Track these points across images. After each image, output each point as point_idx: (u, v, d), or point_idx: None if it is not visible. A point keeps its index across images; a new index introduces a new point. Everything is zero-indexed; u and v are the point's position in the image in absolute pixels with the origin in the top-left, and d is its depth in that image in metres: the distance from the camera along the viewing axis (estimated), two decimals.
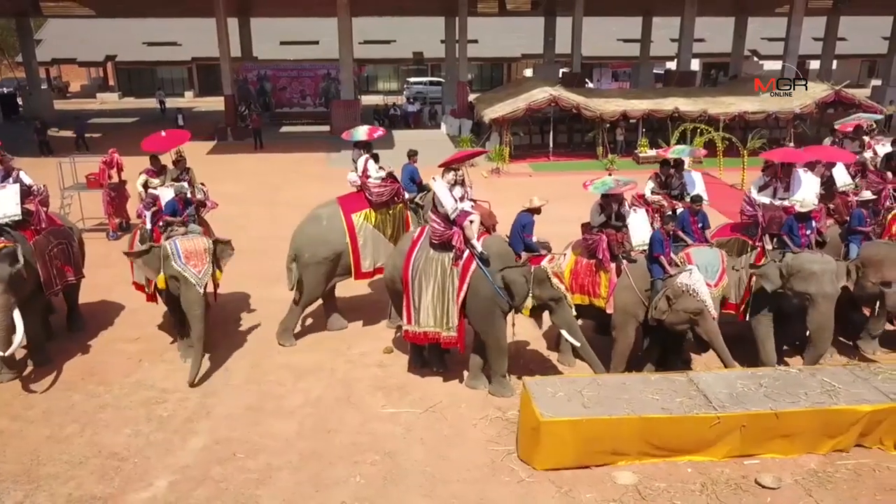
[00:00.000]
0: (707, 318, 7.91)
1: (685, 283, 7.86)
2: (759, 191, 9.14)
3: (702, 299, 7.82)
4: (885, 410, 7.17)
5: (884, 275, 8.59)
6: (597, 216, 8.52)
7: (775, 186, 9.06)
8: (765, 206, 8.90)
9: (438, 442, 7.58)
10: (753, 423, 7.04)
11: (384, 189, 10.26)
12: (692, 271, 7.95)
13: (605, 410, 7.05)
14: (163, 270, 8.88)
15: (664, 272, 8.03)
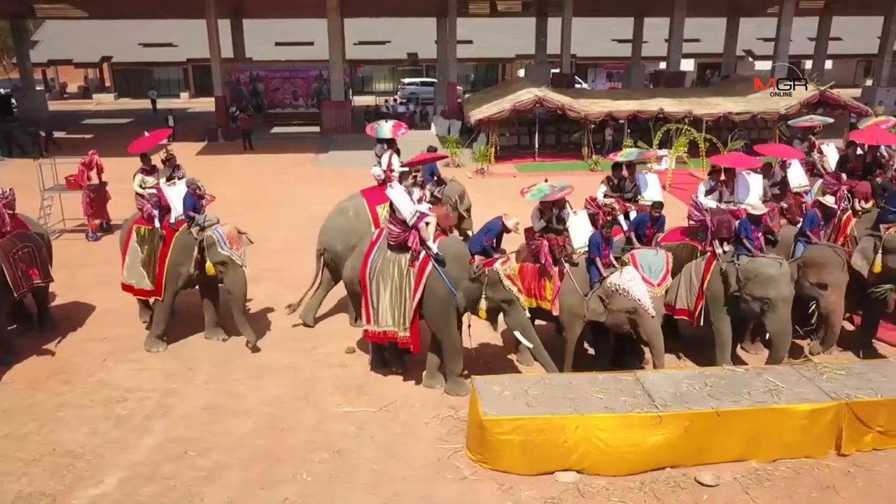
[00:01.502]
0: (644, 316, 7.99)
1: (615, 283, 7.98)
2: (706, 195, 9.20)
3: (633, 297, 7.91)
4: (826, 410, 7.26)
5: (821, 277, 8.65)
6: (537, 221, 8.66)
7: (721, 190, 9.13)
8: (712, 210, 8.95)
9: (389, 440, 7.71)
10: (696, 422, 7.15)
11: None
12: (623, 271, 8.05)
13: (548, 409, 7.16)
14: (209, 259, 9.58)
15: (599, 274, 8.13)
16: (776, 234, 9.05)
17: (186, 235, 9.71)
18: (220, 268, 9.67)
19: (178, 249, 9.70)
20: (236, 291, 9.78)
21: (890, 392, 7.45)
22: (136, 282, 10.10)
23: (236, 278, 9.72)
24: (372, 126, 11.60)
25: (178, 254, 9.70)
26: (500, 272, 8.00)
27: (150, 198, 10.20)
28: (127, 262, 10.15)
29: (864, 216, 9.50)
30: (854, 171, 9.82)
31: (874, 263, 8.84)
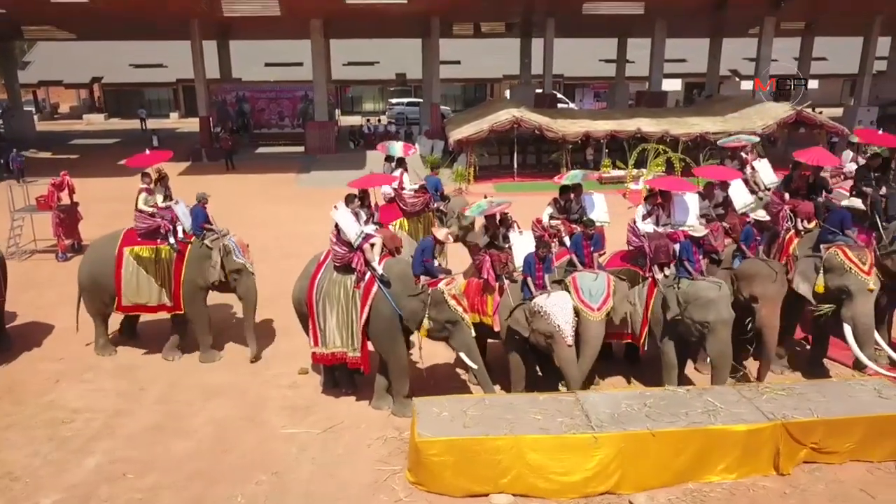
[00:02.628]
0: (559, 343, 7.96)
1: (540, 304, 8.03)
2: (643, 219, 9.23)
3: (553, 322, 7.91)
4: (762, 430, 7.28)
5: (752, 290, 8.66)
6: (481, 237, 8.77)
7: (657, 214, 9.18)
8: (649, 235, 8.97)
9: (329, 461, 7.70)
10: (630, 443, 7.16)
11: (418, 199, 11.56)
12: (552, 294, 8.08)
13: (484, 430, 7.17)
14: (226, 266, 10.02)
15: (530, 293, 8.20)
16: (720, 253, 9.10)
17: (200, 247, 10.12)
18: (235, 275, 10.13)
19: (193, 262, 10.11)
20: (250, 298, 10.23)
21: (827, 412, 7.48)
22: (149, 300, 10.19)
23: (249, 285, 10.20)
24: (383, 145, 12.58)
25: (194, 266, 10.09)
26: (445, 292, 8.04)
27: (162, 215, 10.23)
28: (127, 283, 10.09)
29: (806, 236, 9.53)
30: (798, 191, 9.86)
31: (816, 284, 8.89)
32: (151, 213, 10.25)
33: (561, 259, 9.03)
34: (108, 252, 10.25)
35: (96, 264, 10.31)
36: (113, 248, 10.22)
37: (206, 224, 10.32)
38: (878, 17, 30.91)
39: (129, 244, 10.19)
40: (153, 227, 10.14)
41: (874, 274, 8.70)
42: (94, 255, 10.47)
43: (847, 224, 9.10)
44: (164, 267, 10.12)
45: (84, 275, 10.40)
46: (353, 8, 26.33)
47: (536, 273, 8.19)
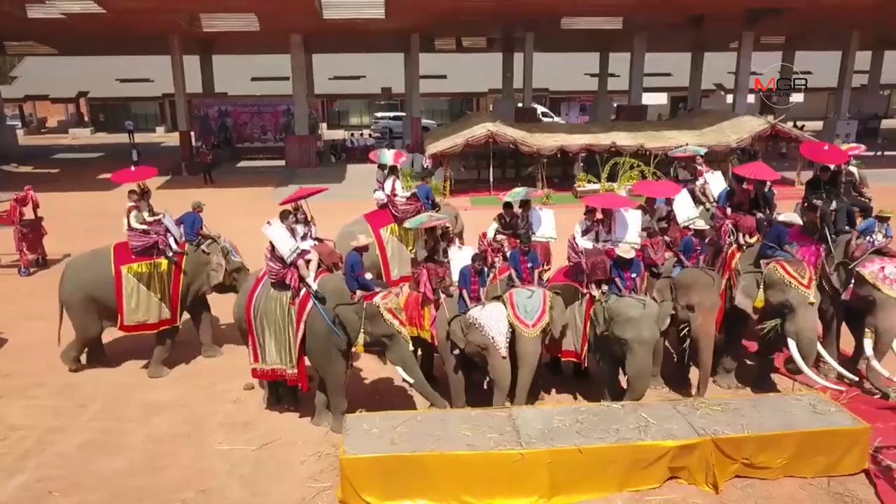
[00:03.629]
0: (493, 355, 7.98)
1: (474, 316, 8.04)
2: (582, 235, 9.23)
3: (487, 335, 7.93)
4: (691, 446, 7.24)
5: (689, 299, 8.65)
6: (421, 251, 8.78)
7: (597, 230, 9.17)
8: (587, 251, 8.96)
9: (259, 479, 7.64)
10: (558, 460, 7.11)
11: (409, 206, 11.90)
12: (487, 307, 8.09)
13: (411, 447, 7.13)
14: (227, 267, 10.47)
15: (465, 306, 8.20)
16: (660, 267, 9.09)
17: (196, 253, 10.44)
18: (235, 274, 10.50)
19: (192, 267, 10.37)
20: None
21: (759, 428, 7.43)
22: (148, 318, 10.15)
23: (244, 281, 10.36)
24: (375, 153, 13.13)
25: (192, 272, 10.38)
26: (381, 306, 8.01)
27: (154, 230, 10.25)
28: (128, 302, 10.03)
29: (747, 251, 9.51)
30: (740, 206, 9.86)
31: (756, 299, 8.86)
32: (144, 229, 10.23)
33: (503, 274, 9.01)
34: (102, 271, 10.09)
35: (90, 284, 10.09)
36: (107, 266, 10.07)
37: (201, 230, 10.61)
38: (855, 32, 31.09)
39: (126, 262, 10.08)
40: (149, 244, 10.13)
41: (814, 287, 8.69)
42: (85, 274, 10.20)
43: (784, 238, 9.07)
44: (163, 281, 10.15)
45: (74, 295, 10.15)
46: (332, 23, 26.51)
47: (472, 286, 8.19)
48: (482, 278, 8.28)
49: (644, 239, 9.29)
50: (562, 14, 26.87)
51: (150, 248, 10.12)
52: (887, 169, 27.36)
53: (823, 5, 26.08)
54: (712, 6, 26.72)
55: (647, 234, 9.37)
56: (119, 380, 10.15)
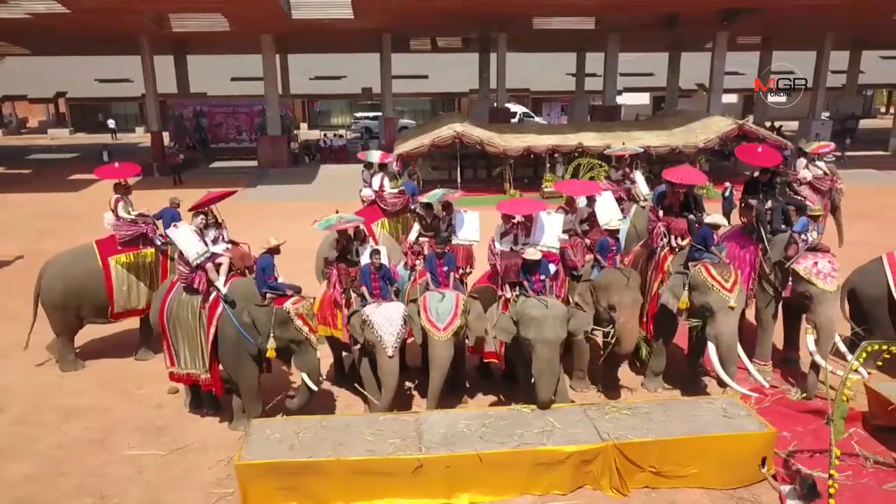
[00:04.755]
0: (380, 353, 8.03)
1: (367, 313, 8.12)
2: (501, 238, 9.18)
3: (376, 332, 7.99)
4: (592, 451, 7.18)
5: (609, 299, 8.64)
6: (332, 251, 8.75)
7: (515, 233, 9.12)
8: (503, 253, 8.93)
9: (163, 485, 7.56)
10: (457, 465, 7.05)
11: (398, 200, 12.33)
12: (381, 304, 8.15)
13: (308, 453, 7.06)
14: None
15: (365, 302, 8.25)
16: (579, 269, 9.04)
17: None
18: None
19: None
20: None
21: (665, 432, 7.40)
22: (138, 304, 10.46)
23: None
24: (363, 153, 13.92)
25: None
26: (291, 311, 7.93)
27: (144, 221, 10.58)
28: (118, 292, 10.31)
29: (679, 253, 9.48)
30: (671, 208, 9.82)
31: (681, 300, 8.84)
32: (132, 220, 10.50)
33: (423, 277, 8.95)
34: (87, 266, 10.28)
35: (75, 281, 10.22)
36: (93, 261, 10.29)
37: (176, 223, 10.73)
38: (830, 32, 31.07)
39: (112, 254, 10.32)
40: (137, 234, 10.43)
41: (737, 291, 8.63)
42: (69, 271, 10.31)
43: (711, 240, 9.07)
44: (150, 269, 10.48)
45: (55, 293, 10.24)
46: (303, 24, 26.39)
47: (372, 283, 8.16)
48: (382, 274, 8.34)
49: (564, 242, 9.24)
50: (532, 14, 26.74)
51: (137, 239, 10.41)
52: (863, 169, 27.51)
53: (794, 5, 26.01)
54: (683, 6, 26.62)
55: (568, 236, 9.31)
56: (41, 384, 10.04)
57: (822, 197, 14.85)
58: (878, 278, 9.94)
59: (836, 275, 8.92)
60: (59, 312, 10.32)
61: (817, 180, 14.56)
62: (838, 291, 9.03)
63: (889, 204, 22.32)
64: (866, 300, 10.02)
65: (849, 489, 7.25)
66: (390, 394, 8.17)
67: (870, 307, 9.99)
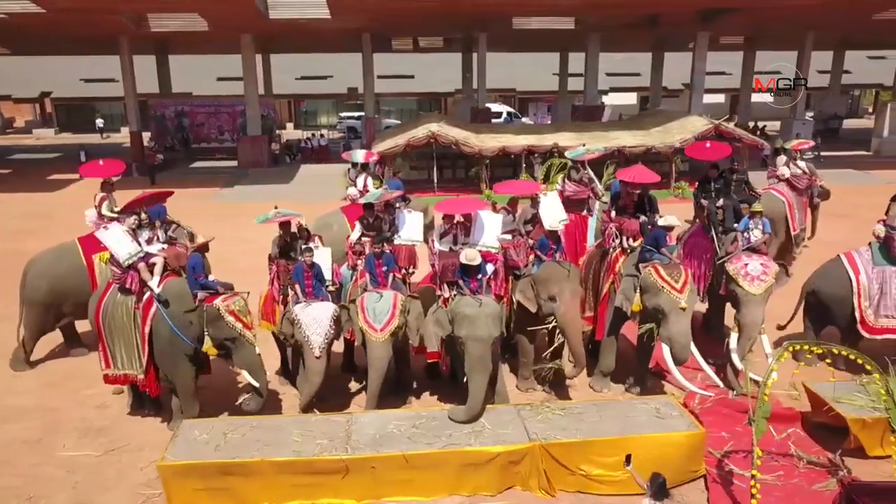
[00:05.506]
0: (307, 353, 8.07)
1: (295, 312, 8.16)
2: (441, 238, 9.16)
3: (303, 332, 8.04)
4: (519, 451, 7.17)
5: (550, 290, 8.62)
6: (274, 248, 8.81)
7: (455, 233, 9.11)
8: (441, 253, 8.92)
9: (92, 486, 7.53)
10: (383, 466, 7.04)
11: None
12: (310, 304, 8.18)
13: (233, 453, 7.04)
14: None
15: (297, 300, 8.30)
16: (521, 269, 9.04)
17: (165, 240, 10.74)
18: None
19: None
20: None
21: (594, 433, 7.38)
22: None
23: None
24: (347, 153, 14.04)
25: None
26: (221, 309, 7.92)
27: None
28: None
29: (631, 254, 9.48)
30: (625, 209, 9.81)
31: (633, 302, 8.84)
32: (115, 217, 10.43)
33: (363, 278, 8.93)
34: (72, 263, 10.32)
35: (60, 278, 10.27)
36: (76, 259, 10.33)
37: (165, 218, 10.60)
38: (811, 32, 31.11)
39: (96, 251, 10.30)
40: None
41: (688, 291, 8.64)
42: (52, 270, 10.38)
43: (662, 241, 9.08)
44: None
45: (41, 291, 10.30)
46: (282, 24, 26.38)
47: (305, 281, 8.18)
48: (315, 273, 8.36)
49: (507, 242, 9.23)
50: (511, 14, 26.75)
51: None
52: (843, 169, 27.52)
53: (772, 5, 26.05)
54: (663, 6, 26.64)
55: (512, 236, 9.30)
56: None
57: (799, 194, 15.09)
58: (841, 279, 9.90)
59: (765, 278, 8.92)
60: (40, 310, 10.37)
61: (795, 178, 14.90)
62: (765, 295, 9.00)
63: (866, 204, 22.33)
64: (832, 301, 9.96)
65: (778, 489, 7.26)
66: (312, 392, 8.18)
67: (835, 307, 9.96)
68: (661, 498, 5.83)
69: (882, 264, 9.70)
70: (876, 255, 9.79)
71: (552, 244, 8.94)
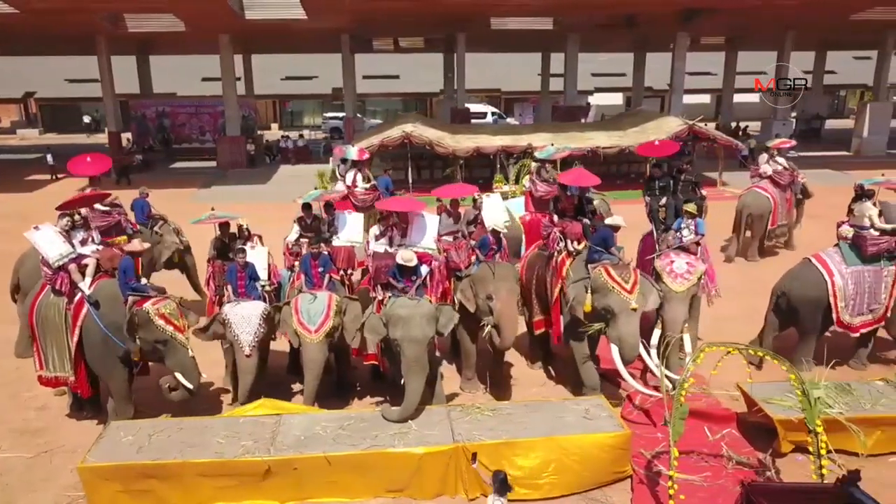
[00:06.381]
0: (237, 351, 8.20)
1: (224, 312, 8.27)
2: (377, 239, 9.17)
3: (232, 332, 8.12)
4: (442, 453, 7.16)
5: (487, 289, 8.64)
6: (211, 249, 8.92)
7: (391, 235, 9.12)
8: (376, 254, 8.94)
9: (19, 487, 7.54)
10: (305, 467, 7.05)
11: (368, 196, 12.93)
12: (240, 304, 8.26)
13: (155, 455, 7.04)
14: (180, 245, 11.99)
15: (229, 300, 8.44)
16: (463, 270, 9.05)
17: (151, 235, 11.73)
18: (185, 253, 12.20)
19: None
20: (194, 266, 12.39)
21: (520, 434, 7.38)
22: None
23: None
24: (340, 148, 14.63)
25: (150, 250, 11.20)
26: (151, 312, 7.91)
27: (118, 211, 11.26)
28: None
29: (577, 257, 9.45)
30: (565, 213, 9.83)
31: (585, 304, 8.79)
32: (106, 210, 11.04)
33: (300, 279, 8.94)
34: None
35: None
36: None
37: (151, 213, 11.74)
38: (791, 32, 31.18)
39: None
40: (112, 223, 10.99)
41: (637, 292, 8.58)
42: None
43: (610, 242, 9.05)
44: None
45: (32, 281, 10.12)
46: (258, 24, 26.38)
47: (238, 281, 8.21)
48: (248, 272, 8.41)
49: (448, 243, 9.24)
50: (488, 14, 26.76)
51: (111, 228, 10.91)
52: (821, 170, 27.55)
53: (749, 6, 26.10)
54: (640, 6, 26.66)
55: (453, 238, 9.32)
56: None
57: (782, 190, 15.36)
58: (814, 281, 9.88)
59: (688, 277, 8.97)
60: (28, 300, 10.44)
61: (777, 174, 15.38)
62: (687, 294, 9.04)
63: (841, 204, 22.37)
64: (805, 303, 9.92)
65: (703, 490, 7.29)
66: (245, 392, 8.20)
67: (809, 310, 9.92)
68: (503, 493, 5.97)
69: (855, 264, 9.75)
70: (847, 256, 9.83)
71: (493, 244, 8.94)
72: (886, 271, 9.68)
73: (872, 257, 9.70)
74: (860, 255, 9.76)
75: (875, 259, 9.70)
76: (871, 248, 9.66)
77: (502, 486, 5.95)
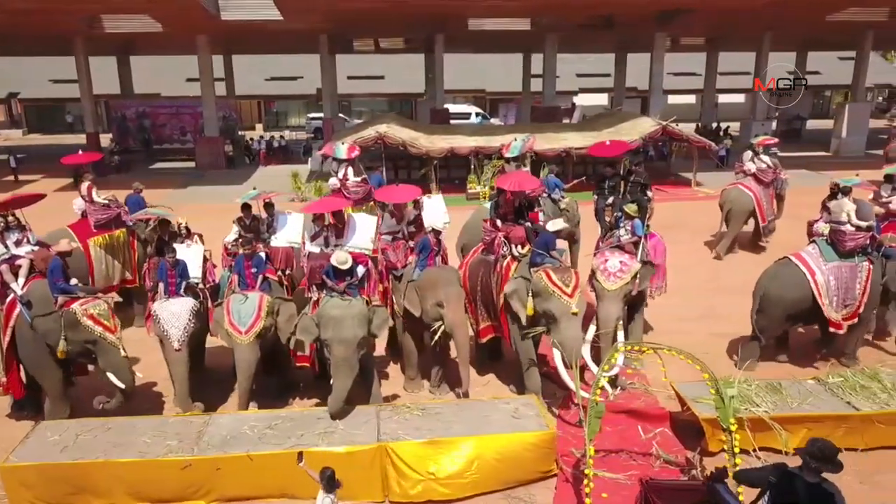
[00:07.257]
0: (167, 347, 8.32)
1: (154, 309, 8.44)
2: (312, 240, 9.19)
3: (162, 327, 8.30)
4: (365, 452, 7.20)
5: (436, 296, 8.70)
6: (150, 246, 8.95)
7: (326, 235, 9.15)
8: (311, 255, 8.96)
9: None
10: (228, 466, 7.09)
11: (360, 188, 13.34)
12: (169, 300, 8.44)
13: (79, 455, 7.09)
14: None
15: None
16: (399, 269, 9.09)
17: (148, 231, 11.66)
18: None
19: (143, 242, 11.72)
20: None
21: (445, 433, 7.43)
22: (114, 280, 11.54)
23: None
24: (330, 146, 15.11)
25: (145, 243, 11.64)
26: (78, 313, 7.93)
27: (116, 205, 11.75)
28: (98, 270, 11.22)
29: (522, 261, 9.43)
30: (506, 216, 9.81)
31: (527, 307, 8.79)
32: (105, 204, 11.53)
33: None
34: None
35: None
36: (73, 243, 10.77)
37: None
38: (769, 33, 31.29)
39: (89, 236, 11.23)
40: (112, 216, 11.49)
41: (578, 296, 8.58)
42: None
43: (552, 245, 9.05)
44: (123, 248, 11.66)
45: None
46: (236, 25, 26.39)
47: (168, 279, 8.29)
48: (178, 270, 8.50)
49: (386, 243, 9.29)
50: (466, 16, 26.81)
51: (111, 222, 11.42)
52: (799, 170, 27.65)
53: (725, 7, 26.21)
54: (616, 7, 26.73)
55: (392, 238, 9.36)
56: None
57: (765, 187, 15.58)
58: (796, 280, 9.91)
59: (621, 276, 9.02)
60: None
61: (761, 172, 15.77)
62: (619, 292, 9.09)
63: (814, 203, 22.48)
64: (786, 303, 9.93)
65: (626, 488, 7.34)
66: (182, 385, 8.32)
67: (793, 309, 9.97)
68: (331, 490, 6.03)
69: (834, 260, 9.81)
70: (826, 253, 9.89)
71: (434, 246, 9.00)
72: (860, 267, 9.78)
73: (849, 253, 9.79)
74: (837, 251, 9.84)
75: (850, 255, 9.80)
76: (849, 243, 9.75)
77: (329, 483, 6.00)
